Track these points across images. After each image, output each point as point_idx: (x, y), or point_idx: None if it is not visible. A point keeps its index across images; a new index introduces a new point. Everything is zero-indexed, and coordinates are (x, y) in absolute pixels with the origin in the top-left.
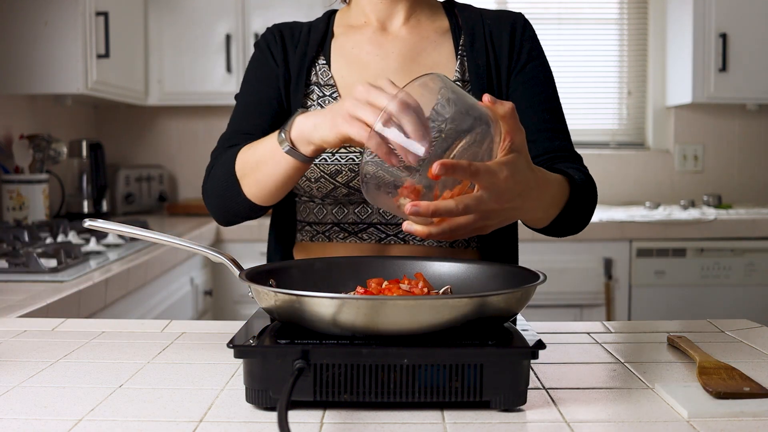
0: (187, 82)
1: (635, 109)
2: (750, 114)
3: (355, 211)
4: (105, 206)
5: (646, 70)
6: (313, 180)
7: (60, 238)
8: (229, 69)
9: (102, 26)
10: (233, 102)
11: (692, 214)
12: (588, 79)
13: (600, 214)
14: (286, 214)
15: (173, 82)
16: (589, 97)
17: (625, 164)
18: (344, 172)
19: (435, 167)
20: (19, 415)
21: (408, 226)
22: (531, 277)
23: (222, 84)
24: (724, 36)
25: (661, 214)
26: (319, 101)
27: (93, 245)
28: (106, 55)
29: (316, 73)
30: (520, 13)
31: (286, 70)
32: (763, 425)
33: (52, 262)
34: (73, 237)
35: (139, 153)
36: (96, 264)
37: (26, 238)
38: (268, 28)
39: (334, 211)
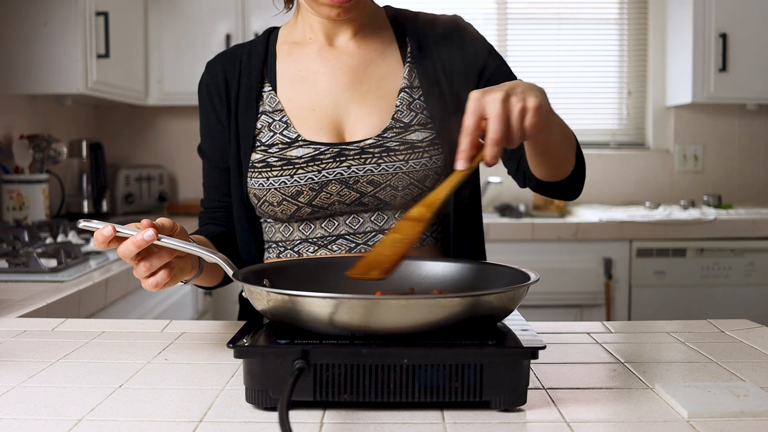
0: (187, 82)
1: (635, 109)
2: (750, 114)
3: (322, 225)
4: (105, 206)
5: (646, 70)
6: (276, 204)
7: (60, 238)
8: None
9: (102, 26)
10: None
11: (692, 214)
12: (588, 79)
13: (600, 214)
14: (249, 236)
15: (173, 82)
16: (589, 97)
17: (625, 164)
18: (305, 192)
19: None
20: (19, 415)
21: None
22: (524, 277)
23: None
24: (724, 36)
25: (661, 214)
26: (271, 127)
27: (93, 245)
28: (106, 55)
29: (263, 102)
30: (458, 16)
31: (230, 125)
32: (763, 425)
33: (52, 262)
34: (73, 237)
35: (139, 153)
36: (96, 264)
37: (26, 238)
38: (207, 69)
39: (300, 228)
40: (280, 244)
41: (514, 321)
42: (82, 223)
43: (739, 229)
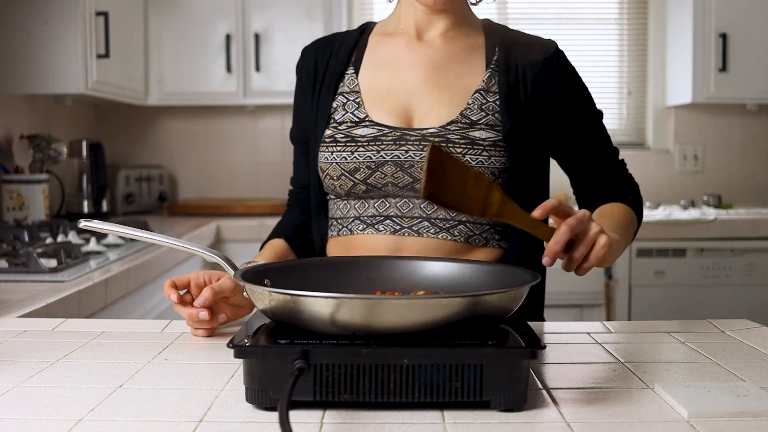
0: (187, 82)
1: (635, 109)
2: (750, 114)
3: (375, 204)
4: (105, 206)
5: (646, 70)
6: (335, 178)
7: (60, 238)
8: (229, 69)
9: (102, 26)
10: (233, 102)
11: (692, 214)
12: (588, 79)
13: None
14: (319, 214)
15: (173, 82)
16: None
17: None
18: (362, 170)
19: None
20: (19, 415)
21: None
22: (526, 276)
23: (222, 84)
24: (724, 36)
25: (661, 214)
26: (345, 106)
27: (93, 245)
28: (106, 55)
29: (343, 83)
30: (552, 41)
31: (313, 105)
32: (763, 425)
33: (52, 262)
34: (73, 237)
35: (139, 153)
36: (96, 264)
37: (26, 238)
38: (301, 54)
39: (356, 206)
40: (339, 221)
41: (515, 321)
42: (83, 223)
43: (739, 229)
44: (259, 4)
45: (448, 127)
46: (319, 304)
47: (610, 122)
